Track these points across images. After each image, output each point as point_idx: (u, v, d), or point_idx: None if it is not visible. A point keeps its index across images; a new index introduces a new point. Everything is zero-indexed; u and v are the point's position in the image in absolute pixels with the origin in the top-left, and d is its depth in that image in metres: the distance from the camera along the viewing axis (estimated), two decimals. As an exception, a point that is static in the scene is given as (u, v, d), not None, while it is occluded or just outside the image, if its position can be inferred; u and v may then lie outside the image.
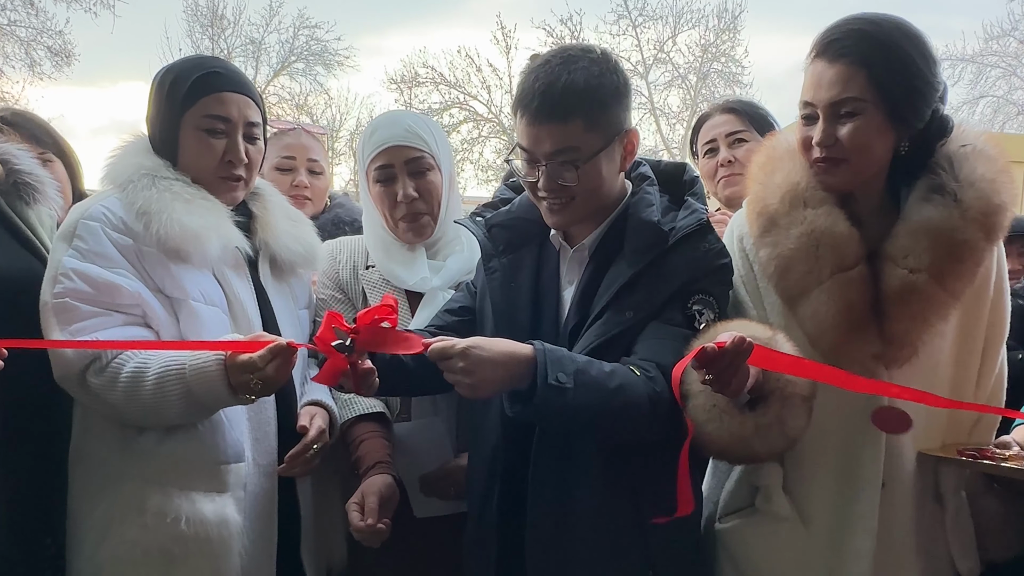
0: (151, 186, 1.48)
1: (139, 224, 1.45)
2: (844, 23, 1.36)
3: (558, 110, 1.33)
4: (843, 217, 1.36)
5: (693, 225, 1.39)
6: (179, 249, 1.45)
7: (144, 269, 1.46)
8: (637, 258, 1.38)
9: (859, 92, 1.30)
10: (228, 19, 17.08)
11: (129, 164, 1.53)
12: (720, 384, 1.19)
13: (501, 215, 1.54)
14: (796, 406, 1.27)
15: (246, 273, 1.58)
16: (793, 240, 1.36)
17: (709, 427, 1.28)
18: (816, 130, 1.35)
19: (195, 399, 1.39)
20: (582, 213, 1.42)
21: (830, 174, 1.36)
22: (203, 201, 1.51)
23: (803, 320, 1.36)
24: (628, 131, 1.42)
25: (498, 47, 17.60)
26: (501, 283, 1.48)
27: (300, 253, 1.67)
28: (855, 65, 1.30)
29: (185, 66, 1.57)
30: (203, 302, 1.48)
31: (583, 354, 1.34)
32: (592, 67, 1.36)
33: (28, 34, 13.57)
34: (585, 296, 1.43)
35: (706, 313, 1.38)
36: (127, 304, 1.43)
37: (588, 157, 1.35)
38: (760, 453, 1.30)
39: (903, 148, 1.35)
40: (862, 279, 1.33)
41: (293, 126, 2.35)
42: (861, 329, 1.32)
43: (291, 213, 1.72)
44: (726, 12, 17.40)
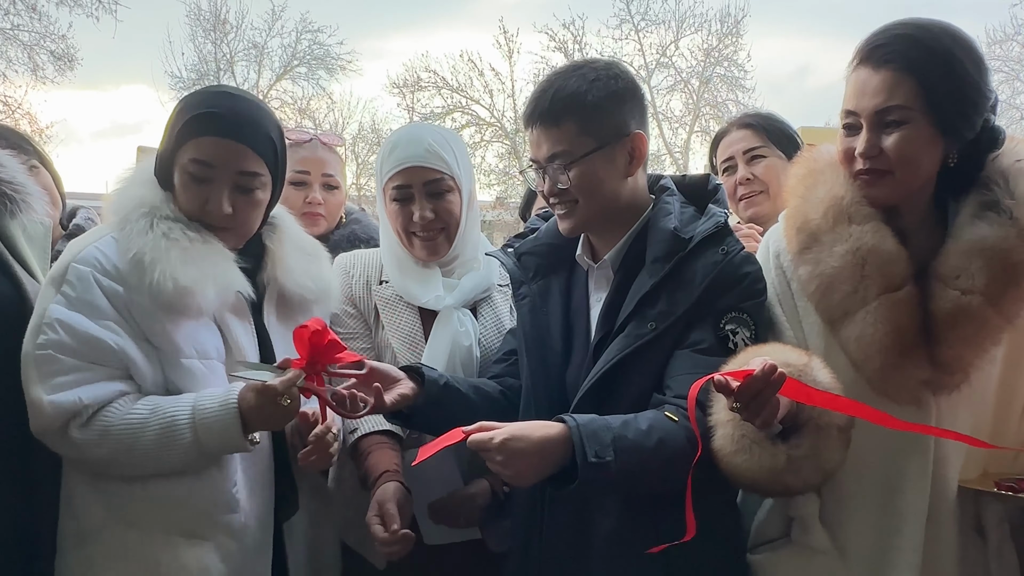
0: (148, 230, 1.42)
1: (133, 274, 1.39)
2: (890, 28, 1.29)
3: (549, 115, 1.39)
4: (890, 234, 1.29)
5: (710, 228, 1.37)
6: (172, 304, 1.40)
7: (133, 319, 1.40)
8: (657, 267, 1.37)
9: (906, 100, 1.24)
10: (231, 23, 17.10)
11: (131, 197, 1.47)
12: (750, 414, 1.14)
13: (528, 243, 1.56)
14: (832, 438, 1.22)
15: (248, 317, 1.52)
16: (837, 258, 1.29)
17: (738, 459, 1.23)
18: (859, 140, 1.28)
19: (202, 447, 1.37)
20: (588, 216, 1.42)
21: (874, 187, 1.29)
22: (202, 245, 1.44)
23: (846, 343, 1.29)
24: (632, 135, 1.40)
25: (500, 51, 17.64)
26: (530, 309, 1.48)
27: (312, 290, 1.60)
28: (902, 71, 1.24)
29: (195, 99, 1.50)
30: (196, 357, 1.43)
31: (607, 368, 1.33)
32: (589, 74, 1.40)
33: (31, 38, 13.57)
34: (610, 310, 1.42)
35: (740, 332, 1.34)
36: (110, 359, 1.38)
37: (578, 158, 1.37)
38: (793, 487, 1.25)
39: (952, 160, 1.28)
40: (911, 300, 1.26)
41: (309, 137, 2.23)
42: (910, 354, 1.25)
43: (307, 246, 1.65)
44: (728, 16, 17.41)
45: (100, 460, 1.38)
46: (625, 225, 1.45)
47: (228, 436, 1.37)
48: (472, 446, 1.25)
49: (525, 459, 1.22)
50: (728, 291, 1.35)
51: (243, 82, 17.33)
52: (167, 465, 1.39)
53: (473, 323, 1.70)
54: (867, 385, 1.27)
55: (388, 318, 1.72)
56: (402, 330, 1.71)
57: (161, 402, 1.40)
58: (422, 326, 1.71)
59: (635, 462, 1.25)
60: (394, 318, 1.72)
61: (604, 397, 1.36)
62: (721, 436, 1.25)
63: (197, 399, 1.39)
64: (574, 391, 1.41)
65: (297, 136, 2.19)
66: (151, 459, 1.38)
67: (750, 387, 1.11)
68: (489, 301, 1.75)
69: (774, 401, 1.14)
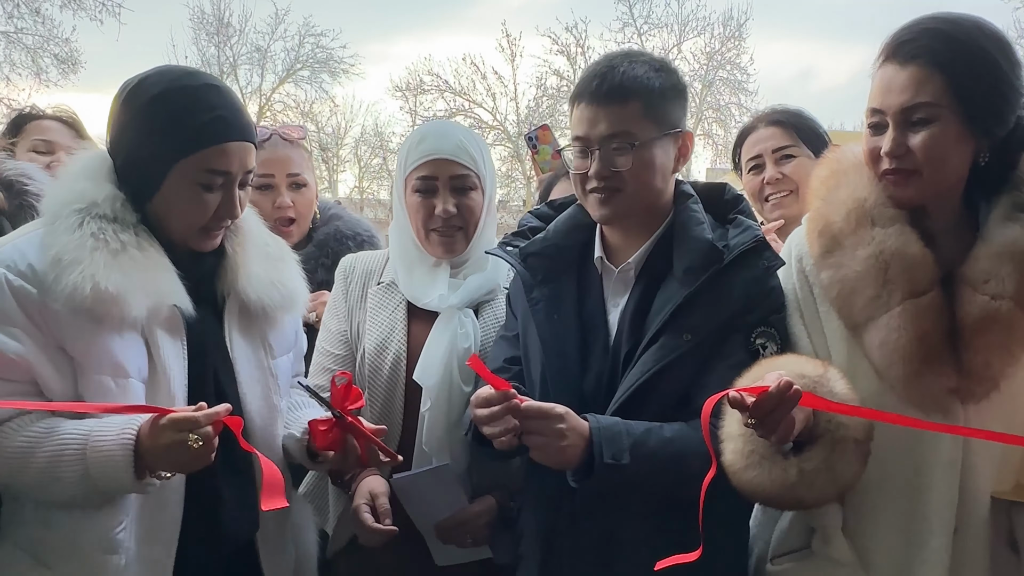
0: (76, 228, 1.28)
1: (50, 274, 1.25)
2: (917, 23, 1.24)
3: (617, 91, 1.34)
4: (916, 237, 1.24)
5: (749, 242, 1.35)
6: (90, 310, 1.25)
7: (46, 325, 1.26)
8: (691, 278, 1.34)
9: (934, 97, 1.19)
10: (234, 27, 17.18)
11: (68, 191, 1.33)
12: (766, 430, 1.11)
13: (536, 244, 1.48)
14: (848, 451, 1.18)
15: (181, 335, 1.36)
16: (859, 262, 1.25)
17: (749, 474, 1.20)
18: (885, 139, 1.23)
19: (93, 483, 1.23)
20: (630, 206, 1.37)
21: (901, 187, 1.25)
22: (136, 251, 1.30)
23: (869, 349, 1.25)
24: (684, 132, 1.41)
25: (503, 55, 17.67)
26: (546, 315, 1.42)
27: (277, 299, 1.47)
28: (930, 67, 1.19)
29: (182, 100, 1.32)
30: (109, 375, 1.28)
31: (642, 381, 1.31)
32: (652, 62, 1.39)
33: (35, 42, 13.60)
34: (636, 318, 1.37)
35: (770, 346, 1.32)
36: (12, 373, 1.25)
37: (643, 142, 1.34)
38: (807, 500, 1.21)
39: (983, 159, 1.24)
40: (937, 306, 1.22)
41: (268, 134, 2.03)
42: (935, 361, 1.20)
43: (271, 250, 1.52)
44: (731, 20, 17.43)
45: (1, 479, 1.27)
46: (649, 227, 1.41)
47: (119, 477, 1.22)
48: (530, 411, 1.27)
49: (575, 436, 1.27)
50: (759, 305, 1.34)
51: (246, 85, 17.41)
52: (57, 497, 1.26)
53: (474, 324, 1.64)
54: (891, 392, 1.23)
55: (373, 320, 1.68)
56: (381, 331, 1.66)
57: (59, 426, 1.26)
58: (407, 327, 1.66)
59: (650, 469, 1.28)
60: (378, 320, 1.68)
61: (634, 407, 1.34)
62: (731, 451, 1.22)
63: (95, 427, 1.24)
64: (593, 399, 1.37)
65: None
66: (41, 488, 1.25)
67: (765, 404, 1.08)
68: (492, 303, 1.69)
69: (790, 417, 1.11)
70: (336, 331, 1.71)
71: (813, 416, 1.18)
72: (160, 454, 1.21)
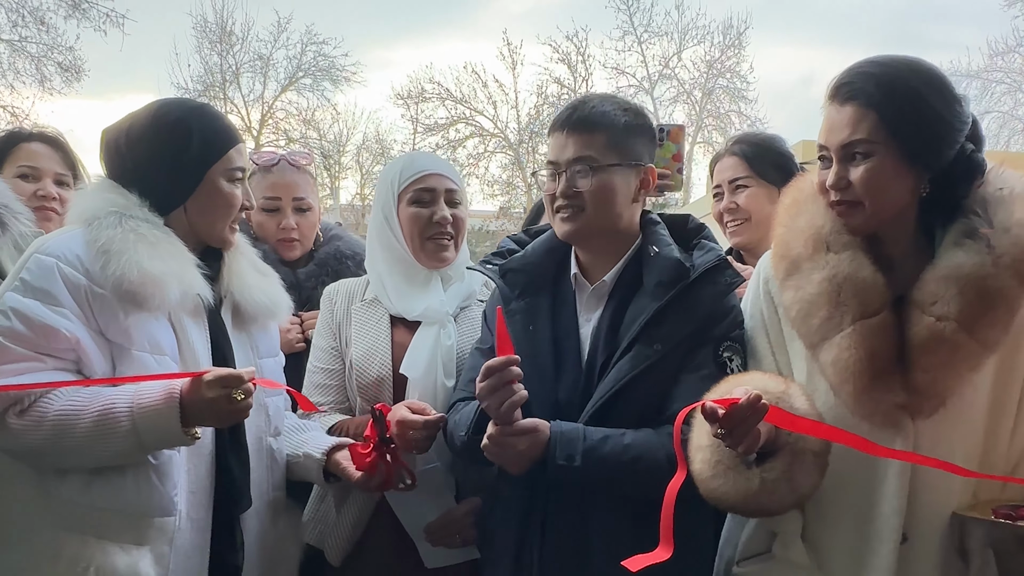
0: (117, 224, 1.45)
1: (97, 263, 1.42)
2: (855, 66, 1.35)
3: (584, 121, 1.51)
4: (868, 262, 1.33)
5: (712, 260, 1.49)
6: (135, 293, 1.41)
7: (91, 311, 1.42)
8: (660, 292, 1.47)
9: (868, 134, 1.29)
10: (237, 35, 17.26)
11: (98, 199, 1.51)
12: (734, 440, 1.20)
13: (516, 260, 1.61)
14: (807, 462, 1.27)
15: (204, 321, 1.55)
16: (815, 285, 1.34)
17: (714, 483, 1.29)
18: (829, 174, 1.34)
19: (140, 438, 1.37)
20: (590, 226, 1.51)
21: (847, 217, 1.34)
22: (169, 246, 1.49)
23: (824, 367, 1.33)
24: (647, 167, 1.55)
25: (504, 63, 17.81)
26: (522, 327, 1.55)
27: (265, 305, 1.66)
28: (863, 107, 1.29)
29: (199, 116, 1.56)
30: (148, 351, 1.44)
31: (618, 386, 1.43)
32: (622, 104, 1.55)
33: (39, 50, 13.71)
34: (611, 331, 1.49)
35: (735, 358, 1.45)
36: (61, 348, 1.39)
37: (603, 167, 1.49)
38: (770, 508, 1.30)
39: (924, 190, 1.32)
40: (886, 326, 1.29)
41: (277, 159, 2.18)
42: (884, 378, 1.28)
43: (259, 266, 1.72)
44: (731, 28, 17.53)
45: (34, 449, 1.38)
46: (617, 249, 1.55)
47: (167, 427, 1.37)
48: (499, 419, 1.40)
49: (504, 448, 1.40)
50: (722, 320, 1.48)
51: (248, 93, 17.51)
52: (101, 456, 1.39)
53: (455, 326, 1.78)
54: (845, 408, 1.31)
55: (358, 333, 1.78)
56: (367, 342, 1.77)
57: (102, 390, 1.40)
58: (391, 336, 1.76)
59: (604, 471, 1.40)
60: (363, 333, 1.78)
61: (608, 414, 1.44)
62: (699, 461, 1.31)
63: (138, 387, 1.39)
64: (568, 406, 1.48)
65: (264, 160, 2.17)
66: (84, 448, 1.37)
67: (735, 415, 1.17)
68: (467, 310, 1.83)
69: (756, 429, 1.19)
70: (326, 347, 1.83)
71: (775, 430, 1.25)
72: (204, 408, 1.38)
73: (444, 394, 1.69)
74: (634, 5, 17.17)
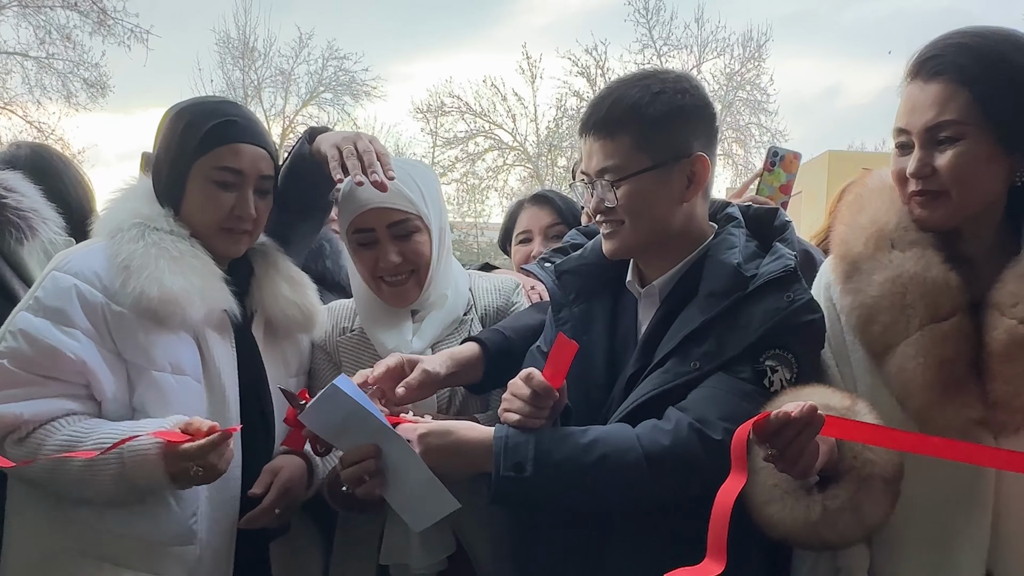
0: (139, 238, 1.40)
1: (117, 280, 1.36)
2: (943, 38, 1.19)
3: (605, 125, 1.29)
4: (939, 260, 1.18)
5: (778, 271, 1.26)
6: (155, 311, 1.36)
7: (107, 330, 1.36)
8: (711, 303, 1.27)
9: (959, 114, 1.13)
10: (259, 51, 17.44)
11: (123, 210, 1.46)
12: (786, 463, 1.05)
13: (572, 260, 1.43)
14: (875, 490, 1.12)
15: (231, 337, 1.47)
16: (876, 287, 1.20)
17: (770, 508, 1.15)
18: (911, 160, 1.18)
19: (129, 482, 1.32)
20: (633, 240, 1.32)
21: (928, 209, 1.19)
22: (193, 260, 1.42)
23: (889, 378, 1.19)
24: (693, 157, 1.29)
25: (523, 76, 17.75)
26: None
27: (297, 319, 1.57)
28: (955, 83, 1.14)
29: (200, 110, 1.47)
30: (169, 371, 1.39)
31: (637, 403, 1.25)
32: (655, 85, 1.29)
33: (65, 67, 13.93)
34: (650, 341, 1.32)
35: (780, 371, 1.23)
36: (66, 371, 1.33)
37: (628, 175, 1.27)
38: (830, 541, 1.15)
39: (1019, 179, 1.17)
40: (960, 331, 1.15)
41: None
42: (957, 390, 1.14)
43: (293, 275, 1.62)
44: (751, 41, 17.39)
45: (35, 478, 1.34)
46: (679, 253, 1.34)
47: (153, 477, 1.31)
48: (401, 431, 1.27)
49: (443, 456, 1.24)
50: (780, 333, 1.25)
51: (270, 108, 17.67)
52: (95, 494, 1.33)
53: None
54: (913, 424, 1.17)
55: (348, 370, 1.61)
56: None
57: (100, 426, 1.33)
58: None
59: (560, 478, 1.20)
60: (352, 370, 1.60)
61: None
62: (751, 483, 1.15)
63: (133, 427, 1.32)
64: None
65: None
66: (79, 484, 1.32)
67: (786, 431, 1.03)
68: (452, 338, 1.60)
69: (812, 448, 1.05)
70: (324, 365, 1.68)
71: (838, 450, 1.12)
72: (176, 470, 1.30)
73: None
74: (653, 18, 17.12)
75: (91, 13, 13.36)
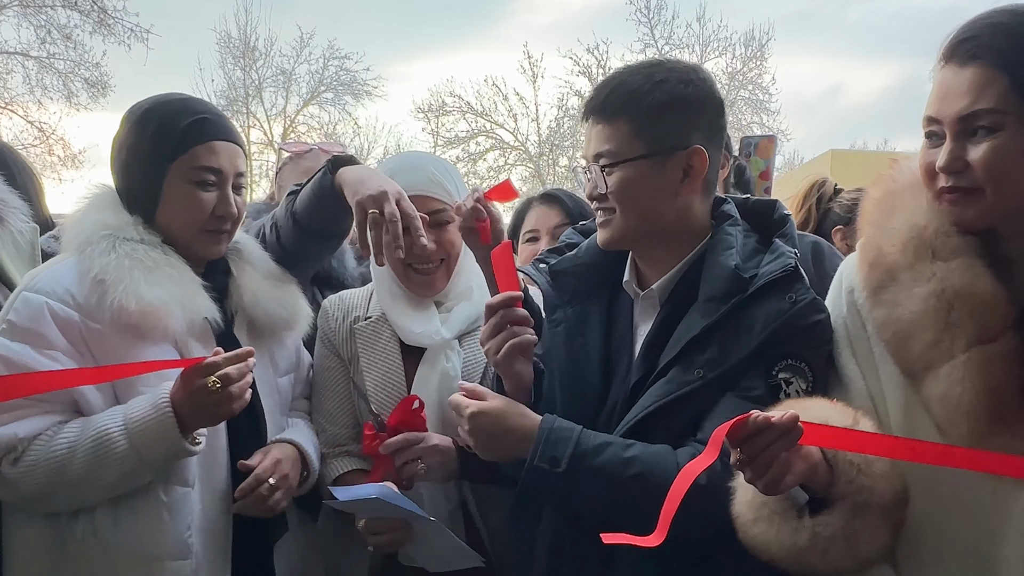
0: (110, 250, 1.35)
1: (92, 296, 1.32)
2: (979, 18, 1.07)
3: (604, 109, 1.26)
4: (985, 271, 1.06)
5: (777, 272, 1.21)
6: (135, 325, 1.32)
7: (88, 350, 1.32)
8: (711, 308, 1.22)
9: (997, 102, 1.02)
10: (260, 50, 17.42)
11: (90, 222, 1.40)
12: (754, 471, 0.97)
13: (567, 261, 1.40)
14: (871, 520, 1.04)
15: (213, 344, 1.43)
16: (917, 301, 1.07)
17: (755, 529, 1.07)
18: (941, 152, 1.06)
19: (141, 455, 1.29)
20: (624, 230, 1.28)
21: (960, 208, 1.07)
22: (168, 269, 1.38)
23: (929, 403, 1.08)
24: (691, 149, 1.25)
25: (525, 76, 17.75)
26: (565, 338, 1.34)
27: (282, 317, 1.54)
28: (992, 68, 1.02)
29: (169, 110, 1.42)
30: (154, 386, 1.35)
31: (643, 415, 1.20)
32: (658, 74, 1.26)
33: (66, 66, 13.92)
34: (652, 348, 1.27)
35: (795, 382, 1.18)
36: (51, 394, 1.30)
37: (621, 161, 1.24)
38: (819, 571, 1.06)
39: None
40: (1010, 353, 1.03)
41: (309, 147, 2.21)
42: (1008, 419, 1.02)
43: (273, 271, 1.58)
44: (753, 40, 17.38)
45: (35, 495, 1.30)
46: (678, 251, 1.30)
47: (166, 437, 1.28)
48: (450, 403, 1.28)
49: (485, 437, 1.24)
50: (788, 340, 1.20)
51: (271, 107, 17.68)
52: (105, 484, 1.31)
53: (459, 356, 1.60)
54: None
55: (367, 357, 1.63)
56: (379, 370, 1.62)
57: (88, 420, 1.32)
58: (403, 364, 1.62)
59: (592, 484, 1.17)
60: (373, 358, 1.63)
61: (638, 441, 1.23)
62: (740, 501, 1.10)
63: (126, 407, 1.31)
64: (606, 429, 1.26)
65: (297, 148, 2.16)
66: (86, 481, 1.29)
67: (760, 438, 0.95)
68: (474, 333, 1.62)
69: (786, 462, 0.97)
70: (328, 367, 1.68)
71: (831, 472, 1.04)
72: (191, 407, 1.28)
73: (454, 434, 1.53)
74: (655, 18, 17.11)
75: (92, 13, 13.36)
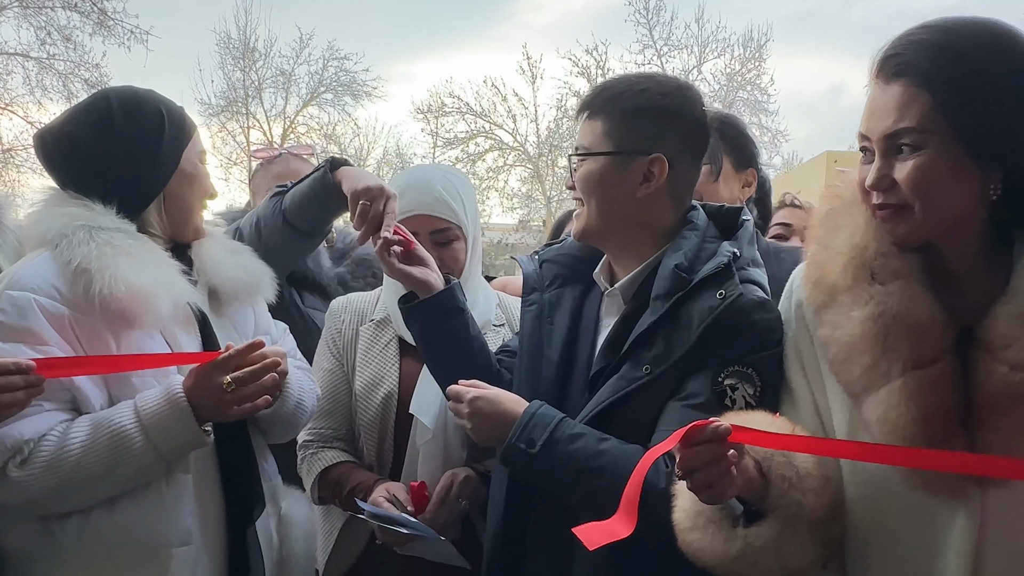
0: (89, 240, 1.32)
1: (77, 287, 1.30)
2: (907, 33, 1.05)
3: (589, 106, 1.37)
4: (924, 295, 1.04)
5: (711, 269, 1.25)
6: (125, 311, 1.30)
7: (78, 341, 1.31)
8: (656, 306, 1.28)
9: (919, 121, 1.00)
10: (259, 51, 17.42)
11: (60, 216, 1.37)
12: (695, 485, 0.98)
13: (553, 250, 1.51)
14: (800, 533, 1.05)
15: (195, 330, 1.44)
16: (856, 324, 1.06)
17: (692, 536, 1.09)
18: (871, 170, 1.06)
19: (159, 448, 1.29)
20: (588, 223, 1.36)
21: (893, 223, 1.06)
22: (148, 255, 1.38)
23: (869, 425, 1.06)
24: (653, 156, 1.31)
25: (524, 77, 17.75)
26: (534, 317, 1.43)
27: (243, 280, 1.54)
28: (915, 87, 1.01)
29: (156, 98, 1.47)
30: (151, 374, 1.36)
31: (599, 409, 1.26)
32: (642, 83, 1.35)
33: (66, 67, 13.91)
34: (613, 344, 1.33)
35: (742, 387, 1.19)
36: (53, 391, 1.28)
37: (591, 154, 1.34)
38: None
39: (993, 193, 1.02)
40: (946, 378, 1.02)
41: (278, 152, 2.24)
42: (943, 442, 1.00)
43: (228, 244, 1.60)
44: (751, 41, 17.37)
45: (42, 497, 1.27)
46: (640, 254, 1.37)
47: (184, 429, 1.29)
48: (448, 393, 1.39)
49: (482, 420, 1.33)
50: (731, 341, 1.21)
51: (270, 108, 17.69)
52: (119, 480, 1.30)
53: None
54: (895, 474, 1.06)
55: (363, 357, 1.68)
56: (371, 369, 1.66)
57: (98, 417, 1.30)
58: (399, 363, 1.66)
59: (560, 469, 1.25)
60: (368, 358, 1.68)
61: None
62: (679, 508, 1.11)
63: (137, 402, 1.31)
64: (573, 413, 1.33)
65: (266, 154, 2.19)
66: (102, 480, 1.29)
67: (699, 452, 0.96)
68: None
69: (726, 471, 0.97)
70: (330, 369, 1.72)
71: (765, 483, 1.05)
72: (204, 401, 1.31)
73: (456, 434, 1.61)
74: (654, 19, 17.09)
75: (91, 14, 13.36)
